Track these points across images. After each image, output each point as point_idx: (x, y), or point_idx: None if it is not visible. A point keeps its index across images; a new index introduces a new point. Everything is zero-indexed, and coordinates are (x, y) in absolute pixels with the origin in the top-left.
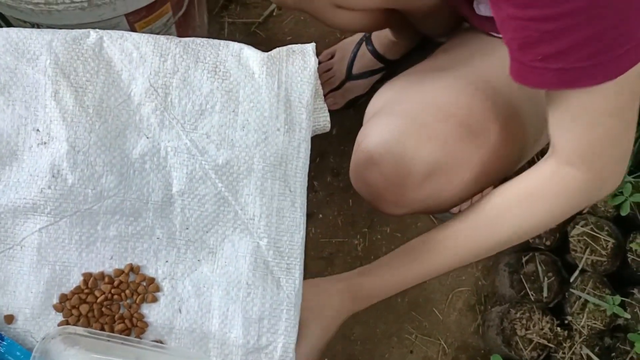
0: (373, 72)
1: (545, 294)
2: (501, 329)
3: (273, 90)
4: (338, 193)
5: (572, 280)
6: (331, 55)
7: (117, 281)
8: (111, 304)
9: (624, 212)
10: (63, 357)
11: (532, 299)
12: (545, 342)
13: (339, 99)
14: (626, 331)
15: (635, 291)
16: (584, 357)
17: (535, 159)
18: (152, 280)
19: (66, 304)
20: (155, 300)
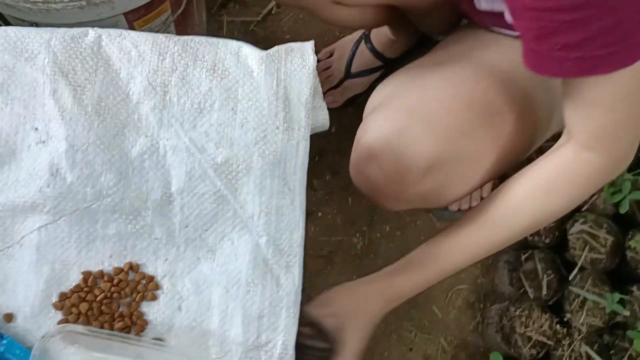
0: (372, 71)
1: (545, 291)
2: (500, 327)
3: (272, 89)
4: (337, 191)
5: (571, 277)
6: (330, 54)
7: (116, 279)
8: (111, 302)
9: (622, 210)
10: (63, 356)
11: (532, 296)
12: (545, 339)
13: (337, 98)
14: (625, 328)
15: (634, 288)
16: (583, 354)
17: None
18: (152, 278)
19: (66, 303)
20: (154, 298)
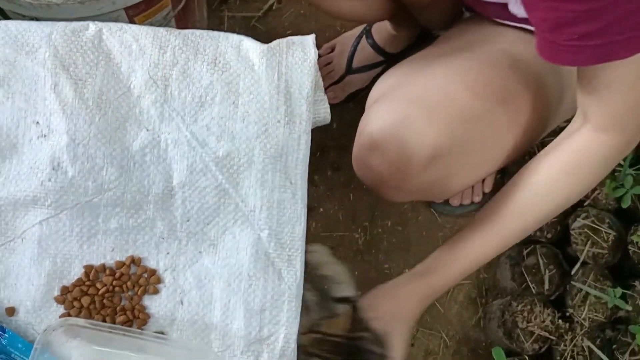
0: (373, 66)
1: (547, 286)
2: (502, 322)
3: (273, 82)
4: (338, 187)
5: (573, 272)
6: (331, 49)
7: (118, 273)
8: (112, 296)
9: (625, 205)
10: (65, 349)
11: (534, 291)
12: (547, 334)
13: (339, 93)
14: (627, 323)
15: (636, 283)
16: (585, 349)
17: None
18: (154, 272)
19: (67, 296)
20: (156, 292)
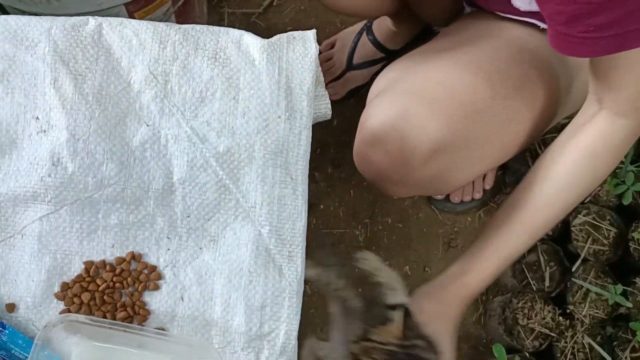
0: (374, 62)
1: (547, 283)
2: (503, 319)
3: (274, 77)
4: (339, 184)
5: (574, 269)
6: (332, 45)
7: (118, 269)
8: (113, 292)
9: (626, 201)
10: (65, 345)
11: (534, 288)
12: (547, 331)
13: (339, 90)
14: (628, 320)
15: (637, 280)
16: (586, 346)
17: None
18: (154, 268)
19: (68, 293)
20: (157, 288)
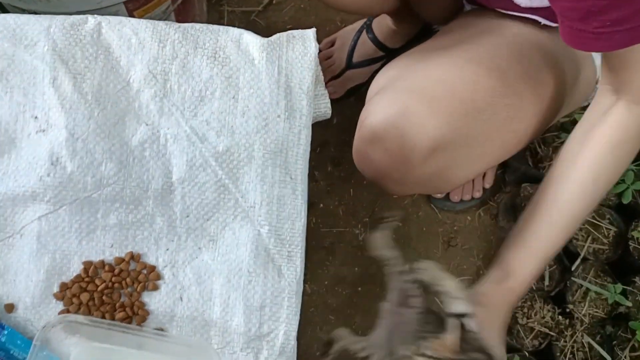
0: (373, 61)
1: (547, 282)
2: None
3: (273, 77)
4: (339, 183)
5: (573, 268)
6: (331, 43)
7: (117, 269)
8: (112, 292)
9: (625, 200)
10: (64, 346)
11: (534, 287)
12: (547, 330)
13: (338, 88)
14: (627, 319)
15: (636, 279)
16: (586, 345)
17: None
18: (153, 268)
19: (67, 293)
20: (156, 288)
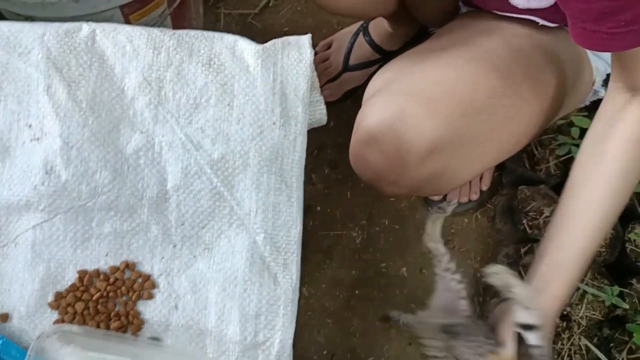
0: (370, 63)
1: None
2: None
3: (268, 83)
4: (336, 185)
5: None
6: (328, 46)
7: (112, 278)
8: (107, 301)
9: None
10: (59, 356)
11: None
12: None
13: (335, 91)
14: (625, 322)
15: (633, 281)
16: (583, 347)
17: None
18: (148, 277)
19: (61, 302)
20: (151, 297)
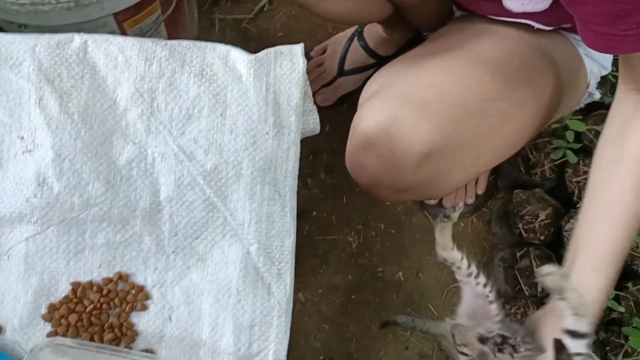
0: (365, 68)
1: (540, 289)
2: None
3: (261, 93)
4: (332, 190)
5: None
6: (323, 51)
7: (106, 290)
8: (100, 313)
9: None
10: None
11: (527, 294)
12: None
13: (330, 95)
14: (621, 325)
15: (629, 285)
16: None
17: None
18: (142, 288)
19: (55, 314)
20: (144, 308)
